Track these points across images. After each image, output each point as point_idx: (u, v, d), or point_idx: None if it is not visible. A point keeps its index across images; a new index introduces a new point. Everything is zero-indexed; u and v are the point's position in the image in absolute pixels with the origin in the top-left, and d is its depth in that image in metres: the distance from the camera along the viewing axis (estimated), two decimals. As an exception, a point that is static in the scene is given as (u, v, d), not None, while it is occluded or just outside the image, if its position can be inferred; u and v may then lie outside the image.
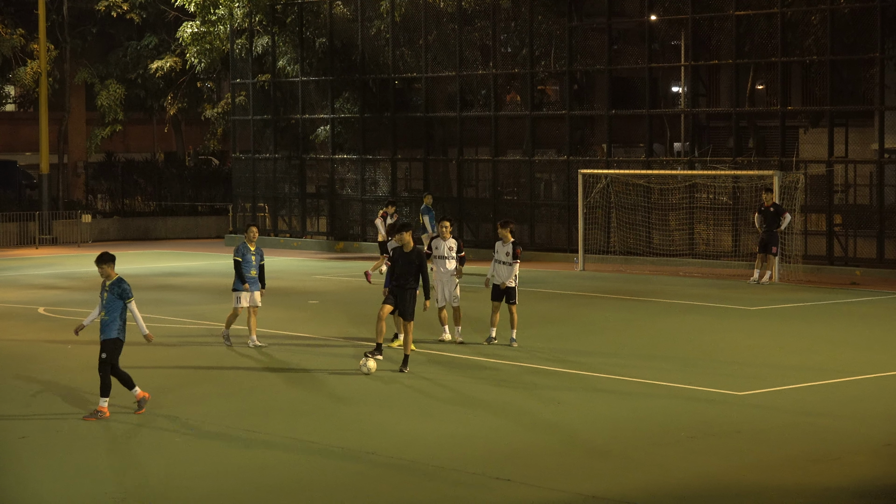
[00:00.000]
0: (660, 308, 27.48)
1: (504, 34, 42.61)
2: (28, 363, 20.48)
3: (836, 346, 22.21)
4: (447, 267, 21.79)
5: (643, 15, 38.84)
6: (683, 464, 13.86)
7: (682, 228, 37.19)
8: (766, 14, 36.42)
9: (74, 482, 13.31)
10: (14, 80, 52.67)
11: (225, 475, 13.55)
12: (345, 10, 45.11)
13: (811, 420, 16.04)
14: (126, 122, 56.18)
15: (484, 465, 13.72)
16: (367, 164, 44.62)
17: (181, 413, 16.60)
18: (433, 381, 18.78)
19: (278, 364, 20.39)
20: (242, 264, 21.62)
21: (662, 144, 47.32)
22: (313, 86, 45.99)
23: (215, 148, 56.37)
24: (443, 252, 21.85)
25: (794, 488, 12.90)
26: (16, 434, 15.46)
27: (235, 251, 21.80)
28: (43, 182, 48.97)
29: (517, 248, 21.67)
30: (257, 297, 21.72)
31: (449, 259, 21.81)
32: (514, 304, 21.66)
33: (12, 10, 53.09)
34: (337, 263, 38.88)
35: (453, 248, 21.87)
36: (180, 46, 49.52)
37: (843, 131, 39.13)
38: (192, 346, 22.14)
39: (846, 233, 35.67)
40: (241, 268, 21.59)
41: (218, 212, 53.68)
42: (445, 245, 21.83)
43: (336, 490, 13.00)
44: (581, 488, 12.85)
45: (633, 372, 19.23)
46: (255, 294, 21.68)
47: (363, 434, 15.26)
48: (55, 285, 32.37)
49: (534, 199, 40.41)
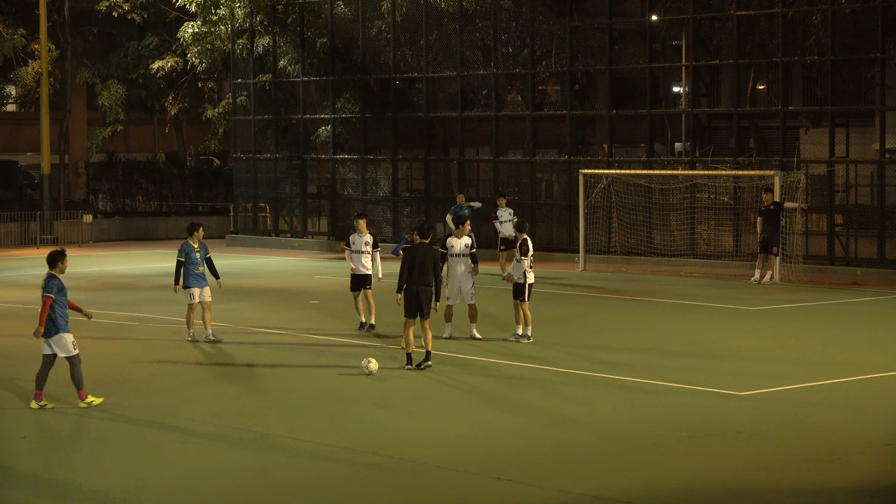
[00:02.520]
0: (660, 308, 27.48)
1: (505, 34, 42.58)
2: (28, 363, 20.46)
3: (837, 346, 22.20)
4: (463, 265, 22.11)
5: (644, 15, 38.83)
6: (684, 464, 13.86)
7: (683, 228, 37.18)
8: (767, 14, 36.40)
9: (74, 482, 13.31)
10: (15, 81, 52.69)
11: (225, 475, 13.55)
12: (346, 10, 45.10)
13: (812, 420, 16.04)
14: (127, 123, 56.20)
15: (484, 465, 13.72)
16: (368, 165, 44.61)
17: (181, 413, 16.60)
18: (433, 380, 18.78)
19: (278, 364, 20.39)
20: (187, 263, 22.30)
21: (663, 144, 47.29)
22: (314, 86, 45.99)
23: (216, 148, 56.37)
24: (459, 250, 22.11)
25: (795, 488, 12.90)
26: (16, 434, 15.47)
27: (179, 251, 22.47)
28: (44, 182, 48.98)
29: (523, 245, 22.00)
30: (207, 293, 22.47)
31: (464, 257, 22.08)
32: (523, 301, 22.02)
33: (13, 10, 53.10)
34: (338, 263, 38.86)
35: (468, 246, 22.22)
36: (181, 46, 49.51)
37: (844, 131, 39.08)
38: (191, 346, 22.14)
39: (847, 233, 35.65)
40: (181, 268, 22.26)
41: (219, 212, 53.70)
42: (461, 243, 22.08)
43: (336, 490, 13.00)
44: (581, 488, 12.85)
45: (633, 372, 19.23)
46: (206, 289, 22.45)
47: (363, 434, 15.26)
48: (56, 285, 32.33)
49: (535, 200, 40.40)
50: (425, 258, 19.53)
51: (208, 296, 22.49)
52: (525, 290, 22.03)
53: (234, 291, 30.52)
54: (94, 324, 24.98)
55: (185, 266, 22.24)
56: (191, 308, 22.44)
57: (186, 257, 22.28)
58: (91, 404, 16.83)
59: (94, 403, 16.85)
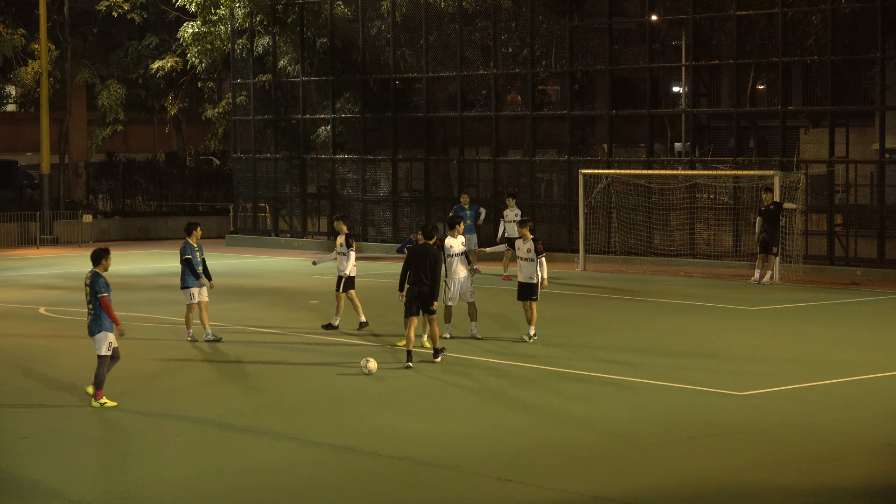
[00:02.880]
0: (660, 308, 27.48)
1: (505, 34, 42.59)
2: (29, 363, 20.49)
3: (837, 346, 22.21)
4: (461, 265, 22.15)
5: (644, 15, 38.83)
6: (684, 464, 13.87)
7: (682, 228, 37.18)
8: (766, 14, 36.41)
9: (75, 482, 13.32)
10: (15, 80, 52.65)
11: (225, 475, 13.56)
12: (345, 10, 45.10)
13: (812, 420, 16.05)
14: (127, 123, 56.17)
15: (484, 465, 13.72)
16: (367, 165, 44.61)
17: (181, 413, 16.61)
18: (433, 380, 18.79)
19: (278, 363, 20.39)
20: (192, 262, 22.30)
21: (663, 144, 47.31)
22: (314, 86, 45.99)
23: (216, 148, 56.36)
24: (456, 250, 22.13)
25: (795, 488, 12.90)
26: (17, 434, 15.47)
27: (183, 251, 22.34)
28: (44, 182, 48.98)
29: (538, 243, 22.22)
30: (205, 293, 22.49)
31: (461, 257, 22.15)
32: (535, 301, 22.13)
33: (13, 10, 53.06)
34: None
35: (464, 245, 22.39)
36: (181, 46, 49.49)
37: (844, 131, 39.11)
38: (191, 346, 22.14)
39: (847, 233, 35.65)
40: (192, 266, 22.20)
41: (219, 212, 53.69)
42: (458, 243, 22.15)
43: (337, 490, 13.01)
44: (582, 488, 12.86)
45: (633, 371, 19.24)
46: (204, 289, 22.43)
47: (364, 434, 15.27)
48: (56, 285, 32.38)
49: (535, 200, 40.40)
50: (426, 258, 19.63)
51: (206, 296, 22.52)
52: (538, 289, 22.17)
53: (234, 291, 30.53)
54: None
55: (186, 265, 22.22)
56: (189, 308, 22.46)
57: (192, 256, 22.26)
58: (104, 405, 16.81)
59: (107, 405, 16.84)
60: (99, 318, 16.89)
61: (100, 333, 16.90)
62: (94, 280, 17.05)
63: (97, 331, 16.91)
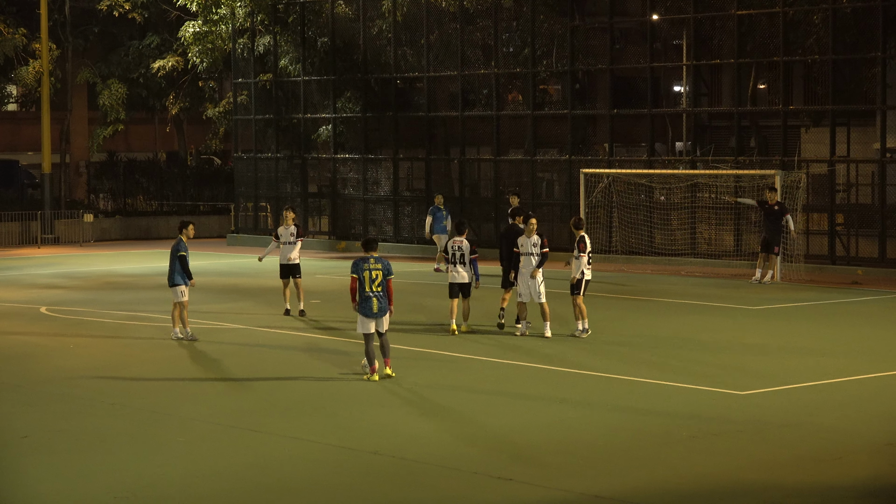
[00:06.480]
0: (661, 307, 27.47)
1: (506, 34, 42.60)
2: (30, 363, 20.49)
3: (838, 345, 22.19)
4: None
5: (645, 14, 38.83)
6: (685, 463, 13.86)
7: (683, 228, 37.17)
8: (767, 13, 36.40)
9: (75, 482, 13.32)
10: (16, 80, 52.67)
11: (225, 475, 13.55)
12: (346, 10, 45.11)
13: (813, 420, 16.04)
14: (128, 122, 56.19)
15: (485, 465, 13.72)
16: (368, 164, 44.61)
17: (181, 412, 16.61)
18: (433, 380, 18.78)
19: (278, 363, 20.39)
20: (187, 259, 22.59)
21: (664, 144, 47.28)
22: (315, 85, 46.00)
23: (217, 147, 56.39)
24: (526, 250, 22.58)
25: (796, 488, 12.90)
26: (17, 434, 15.47)
27: (178, 248, 22.44)
28: (45, 181, 48.99)
29: (581, 242, 22.61)
30: (187, 291, 22.58)
31: (530, 256, 22.59)
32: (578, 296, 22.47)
33: (14, 9, 53.09)
34: (339, 263, 38.88)
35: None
36: (182, 46, 49.51)
37: (845, 131, 39.09)
38: (191, 345, 22.14)
39: (848, 232, 35.65)
40: (186, 263, 22.38)
41: (220, 211, 53.70)
42: (529, 243, 22.58)
43: (337, 490, 13.00)
44: (582, 488, 12.85)
45: (634, 371, 19.23)
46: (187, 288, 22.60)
47: (364, 434, 15.26)
48: (57, 285, 32.38)
49: (536, 199, 40.39)
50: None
51: (187, 294, 22.58)
52: (582, 285, 22.38)
53: (235, 291, 30.55)
54: (94, 323, 25.03)
55: (181, 262, 22.23)
56: (176, 306, 22.43)
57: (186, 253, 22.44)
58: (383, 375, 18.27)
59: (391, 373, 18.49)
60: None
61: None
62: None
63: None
